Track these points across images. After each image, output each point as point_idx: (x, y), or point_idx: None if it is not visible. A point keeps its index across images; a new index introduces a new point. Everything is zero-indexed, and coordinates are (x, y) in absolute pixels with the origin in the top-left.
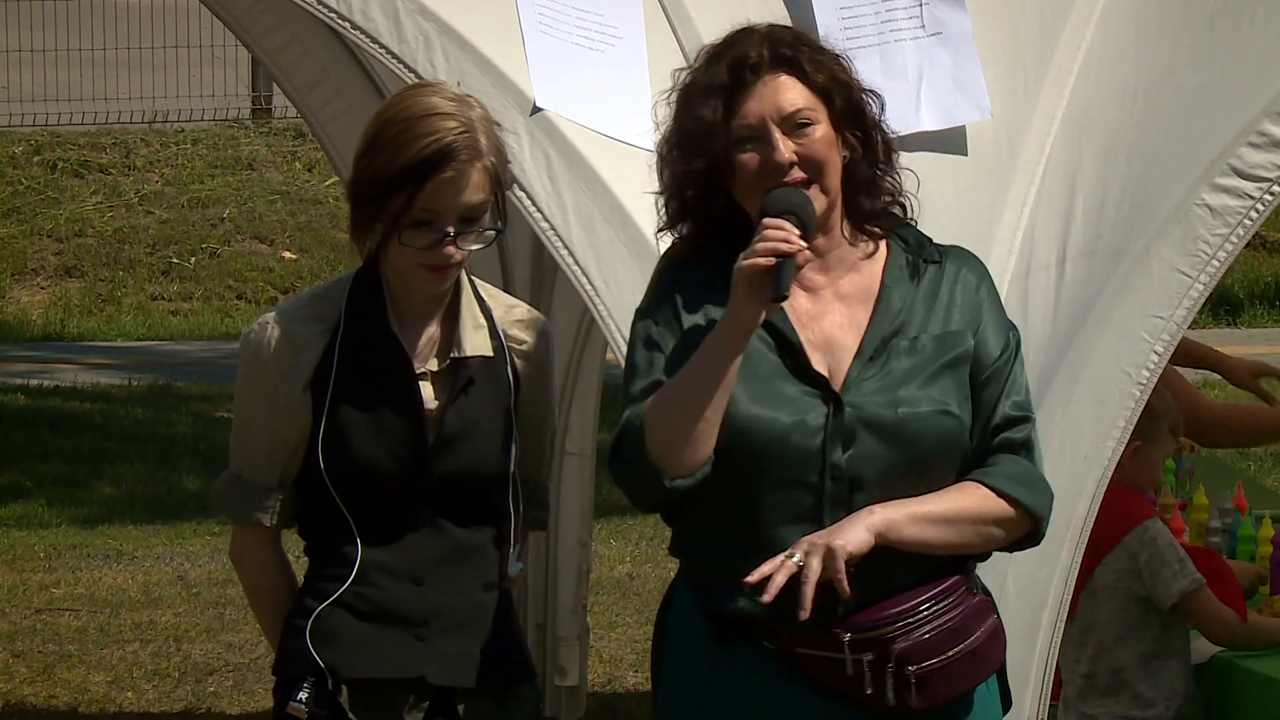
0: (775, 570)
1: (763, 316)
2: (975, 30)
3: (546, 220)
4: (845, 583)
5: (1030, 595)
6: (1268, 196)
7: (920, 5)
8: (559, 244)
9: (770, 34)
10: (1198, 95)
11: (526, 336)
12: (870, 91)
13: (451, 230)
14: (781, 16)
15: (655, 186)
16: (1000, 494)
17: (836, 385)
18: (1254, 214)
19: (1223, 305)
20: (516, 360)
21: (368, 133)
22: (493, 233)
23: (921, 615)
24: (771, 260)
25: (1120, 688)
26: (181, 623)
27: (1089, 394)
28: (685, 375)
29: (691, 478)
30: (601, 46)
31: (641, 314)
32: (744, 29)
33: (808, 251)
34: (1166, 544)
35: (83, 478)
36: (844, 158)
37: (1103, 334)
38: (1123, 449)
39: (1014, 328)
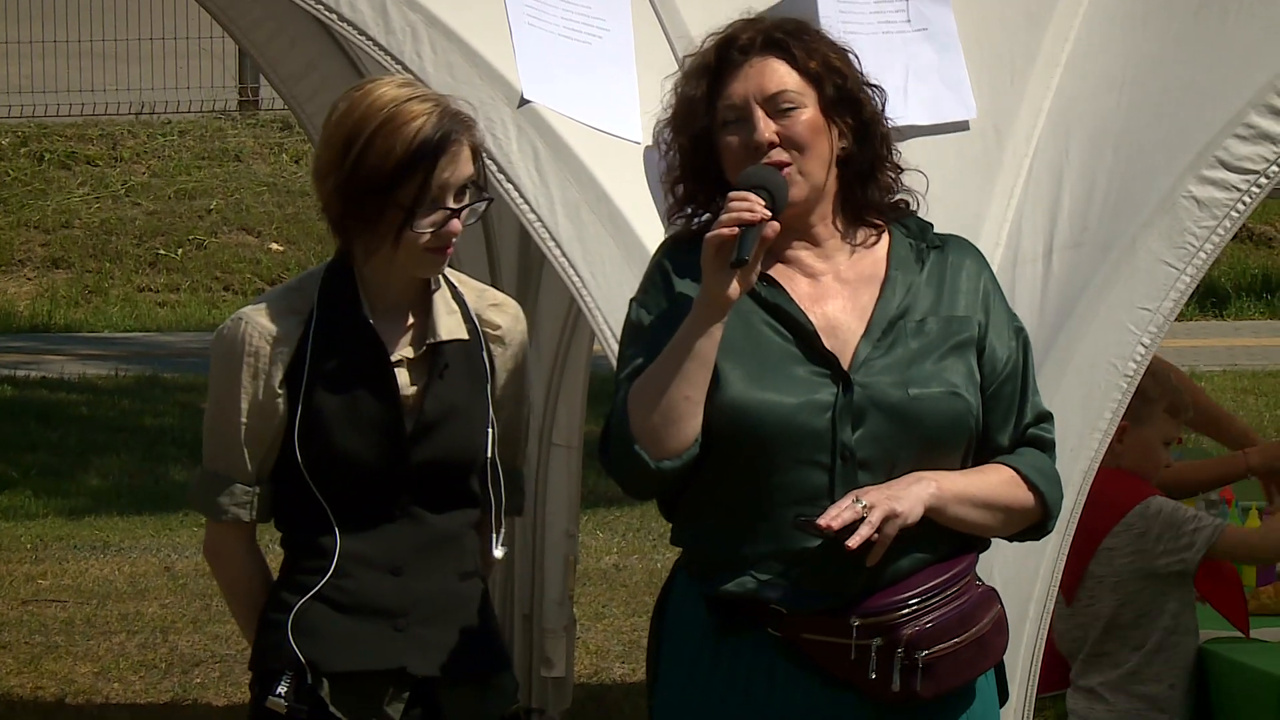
0: (843, 510)
1: (734, 290)
2: (962, 22)
3: (534, 212)
4: (880, 554)
5: (1017, 587)
6: (1254, 189)
7: (907, 1)
8: (546, 236)
9: (767, 20)
10: (1184, 87)
11: (501, 321)
12: (873, 85)
13: (453, 205)
14: (768, 5)
15: (644, 178)
16: (1028, 483)
17: (845, 365)
18: (1241, 206)
19: (1209, 297)
20: (491, 345)
21: (337, 138)
22: (483, 204)
23: (932, 601)
24: (735, 230)
25: (1128, 665)
26: (168, 614)
27: (1076, 386)
28: (663, 356)
29: (679, 459)
30: (589, 39)
31: (633, 299)
32: (745, 18)
33: (776, 224)
34: (1172, 510)
35: (69, 469)
36: (841, 149)
37: (1089, 326)
38: (1109, 440)
39: (1020, 323)
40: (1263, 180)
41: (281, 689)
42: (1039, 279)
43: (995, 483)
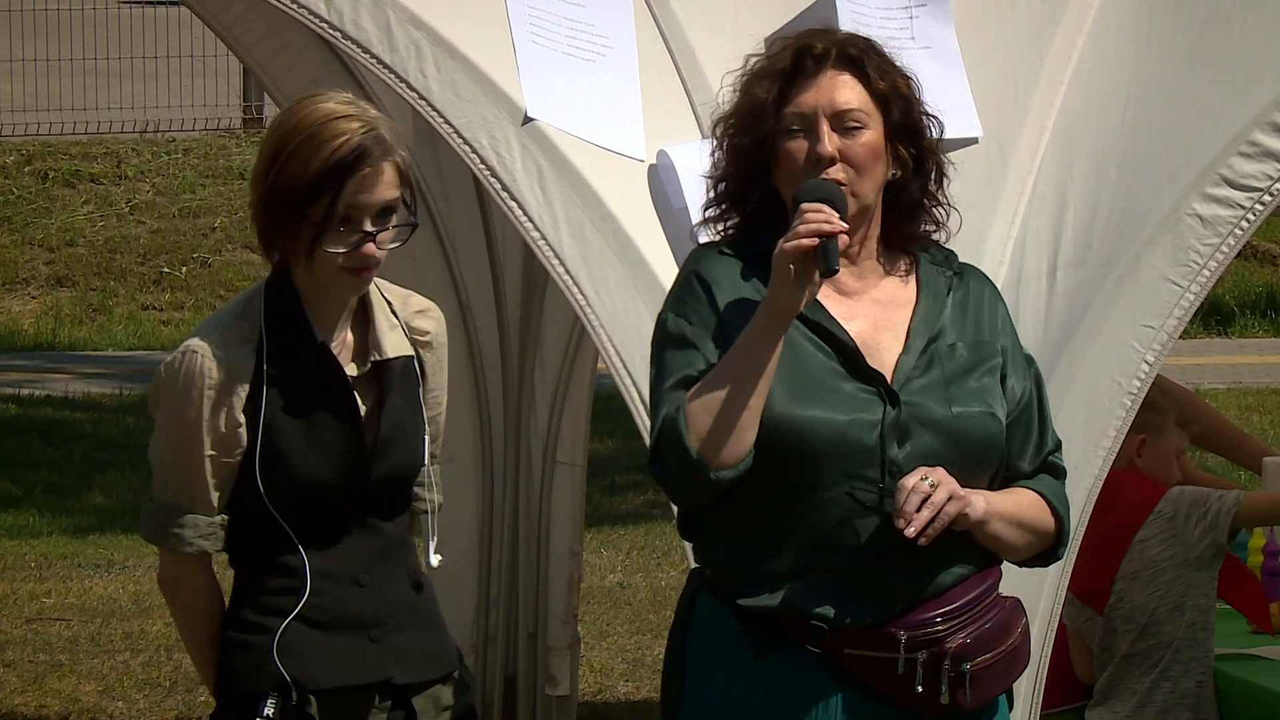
0: (912, 489)
1: (805, 300)
2: (965, 40)
3: (537, 230)
4: (934, 535)
5: (1022, 602)
6: (1258, 206)
7: (911, 18)
8: (550, 253)
9: (843, 35)
10: (1188, 105)
11: (429, 327)
12: (933, 116)
13: (370, 228)
14: (772, 25)
15: (648, 197)
16: (1051, 508)
17: (888, 383)
18: (1245, 224)
19: (1214, 315)
20: (421, 351)
21: (268, 148)
22: (408, 229)
23: (972, 613)
24: (815, 240)
25: (1162, 662)
26: (172, 632)
27: (1079, 403)
28: (726, 365)
29: (735, 469)
30: (593, 57)
31: (668, 310)
32: (816, 28)
33: (846, 237)
34: (1194, 490)
35: (74, 487)
36: (893, 175)
37: (1093, 343)
38: (1113, 458)
39: (1029, 353)
40: (1266, 198)
41: (268, 710)
42: (1043, 296)
43: (1027, 504)
